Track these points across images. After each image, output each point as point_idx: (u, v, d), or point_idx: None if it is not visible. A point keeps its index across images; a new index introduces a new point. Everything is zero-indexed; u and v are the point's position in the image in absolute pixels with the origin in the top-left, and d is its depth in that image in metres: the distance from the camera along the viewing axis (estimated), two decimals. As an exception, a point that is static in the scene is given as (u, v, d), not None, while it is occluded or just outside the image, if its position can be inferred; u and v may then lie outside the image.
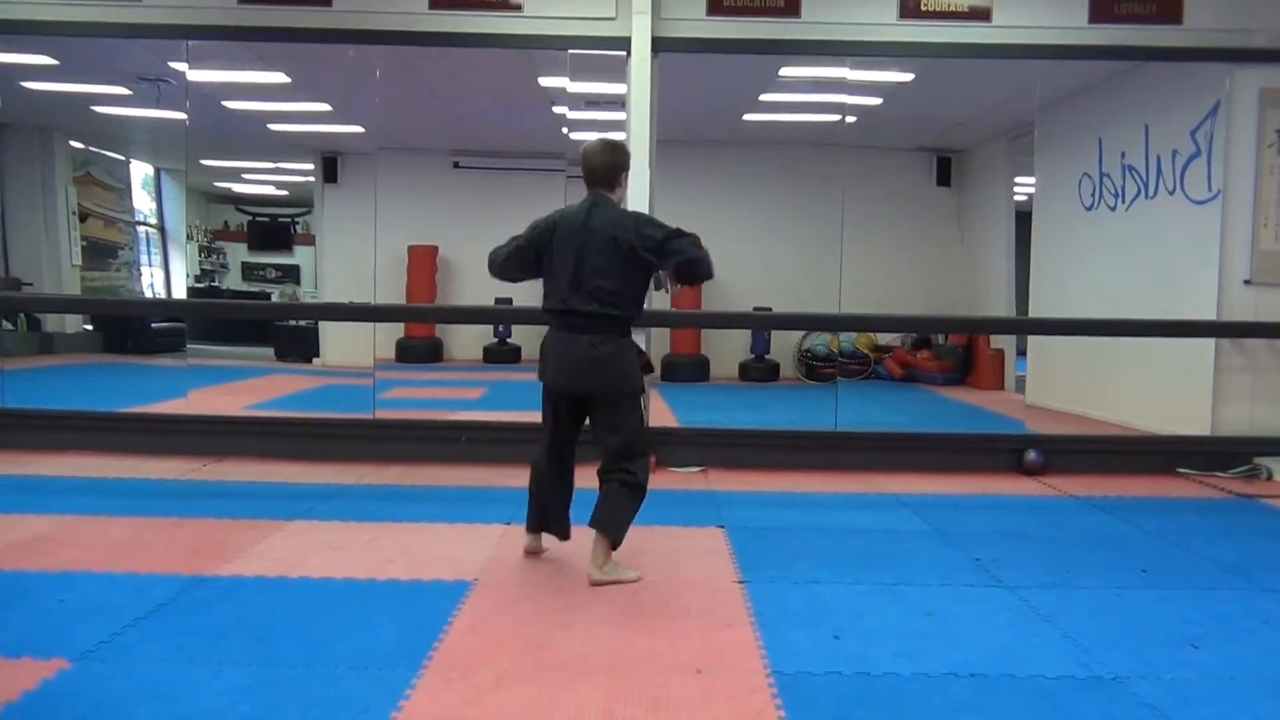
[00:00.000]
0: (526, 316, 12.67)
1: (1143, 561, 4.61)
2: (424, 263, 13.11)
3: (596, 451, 4.22)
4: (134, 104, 10.42)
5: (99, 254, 13.42)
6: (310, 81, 9.51)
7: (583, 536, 4.41)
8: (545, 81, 8.76)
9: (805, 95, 9.73)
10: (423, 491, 5.93)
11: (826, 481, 6.34)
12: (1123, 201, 8.41)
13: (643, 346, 4.35)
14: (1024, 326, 9.83)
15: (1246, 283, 6.94)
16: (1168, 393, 7.56)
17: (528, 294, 14.27)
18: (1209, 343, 7.00)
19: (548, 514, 4.40)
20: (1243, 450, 6.87)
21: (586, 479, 4.35)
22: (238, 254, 15.35)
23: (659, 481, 6.29)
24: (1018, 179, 11.15)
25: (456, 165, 13.33)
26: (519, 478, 6.27)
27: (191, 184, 13.76)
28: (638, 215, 4.30)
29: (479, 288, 13.07)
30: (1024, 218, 10.22)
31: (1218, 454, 6.90)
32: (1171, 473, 6.88)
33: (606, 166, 4.21)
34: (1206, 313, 6.97)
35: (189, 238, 14.66)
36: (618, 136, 7.07)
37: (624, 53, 6.85)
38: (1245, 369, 6.98)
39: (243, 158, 13.83)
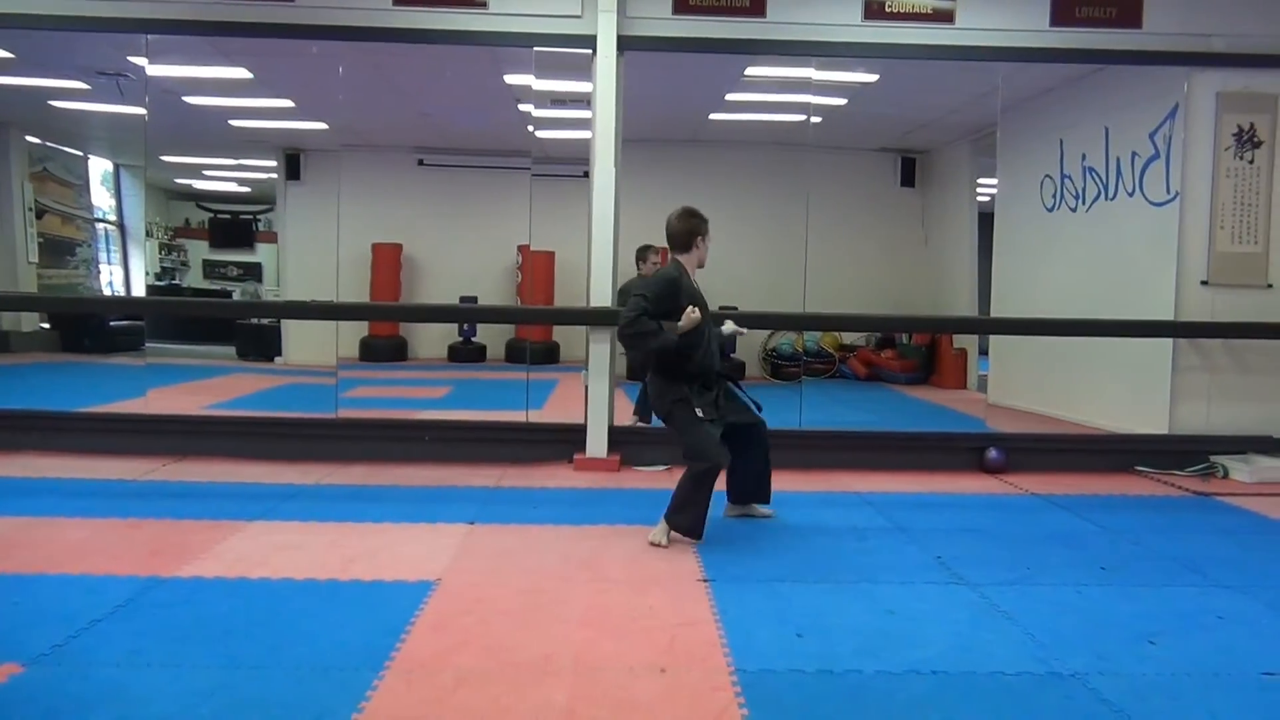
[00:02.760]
0: (491, 315, 12.79)
1: (1102, 559, 4.67)
2: (388, 261, 13.04)
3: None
4: (92, 99, 10.27)
5: (56, 251, 13.21)
6: (273, 77, 9.42)
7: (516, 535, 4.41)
8: (511, 79, 8.73)
9: (771, 95, 9.77)
10: (386, 491, 5.89)
11: (791, 480, 6.36)
12: (1083, 202, 8.51)
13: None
14: (986, 326, 9.92)
15: (1203, 283, 7.05)
16: (1127, 392, 7.66)
17: (492, 294, 14.20)
18: (1167, 343, 7.10)
19: None
20: (1200, 449, 6.98)
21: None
22: (199, 251, 15.20)
23: (623, 480, 6.31)
24: (981, 180, 11.25)
25: (421, 163, 13.27)
26: (483, 476, 6.29)
27: (151, 180, 13.60)
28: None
29: (443, 286, 13.09)
30: (987, 218, 10.31)
31: (1175, 452, 7.00)
32: (1130, 471, 6.98)
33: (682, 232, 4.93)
34: (1164, 313, 7.08)
35: (148, 235, 14.49)
36: (584, 135, 7.09)
37: (589, 51, 6.85)
38: (1202, 368, 7.09)
39: (204, 154, 13.67)
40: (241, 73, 9.07)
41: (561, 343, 12.90)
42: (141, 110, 8.00)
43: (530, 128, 9.40)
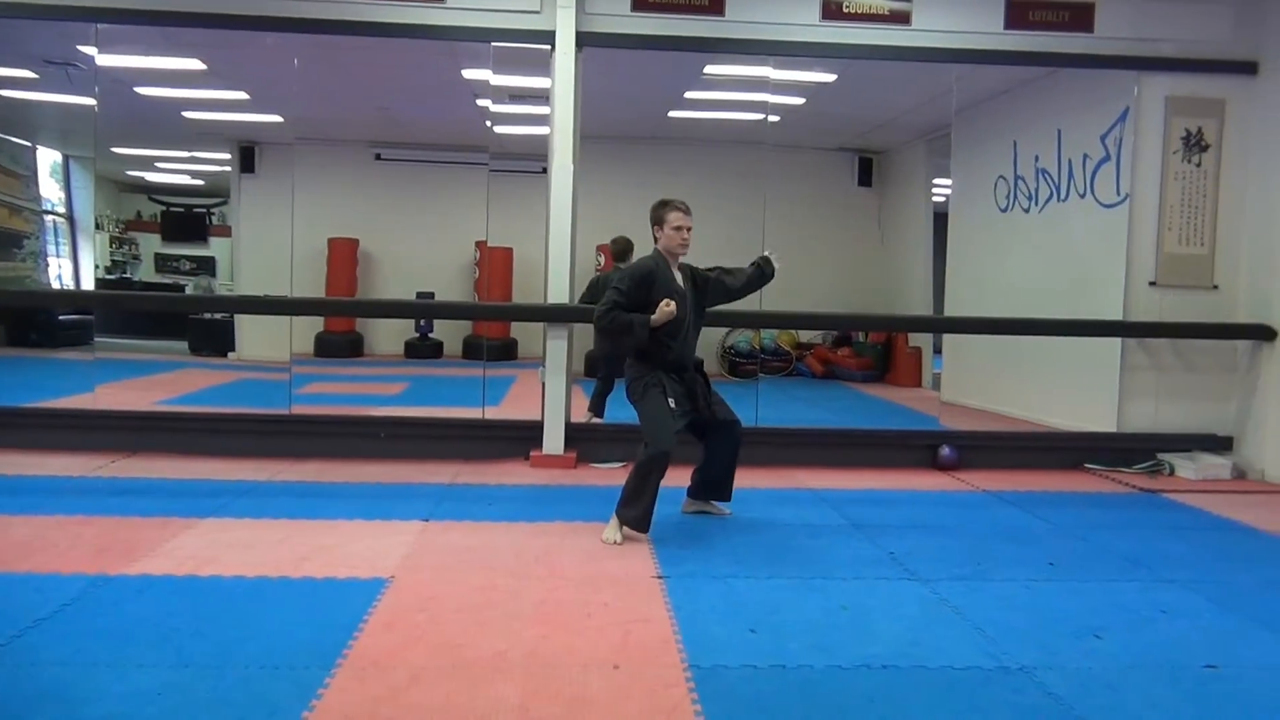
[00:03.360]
0: (447, 311, 12.71)
1: (1050, 554, 4.74)
2: (344, 256, 12.93)
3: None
4: (40, 88, 10.06)
5: (2, 243, 12.94)
6: (226, 69, 9.29)
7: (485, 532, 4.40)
8: (469, 74, 8.69)
9: (729, 94, 9.80)
10: (339, 488, 5.84)
11: (746, 477, 6.36)
12: (1036, 204, 8.63)
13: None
14: (940, 325, 10.02)
15: (1152, 284, 7.17)
16: (1077, 390, 7.77)
17: (449, 289, 14.06)
18: (1116, 342, 7.22)
19: None
20: (1147, 447, 7.12)
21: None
22: (151, 245, 14.95)
23: (579, 477, 6.30)
24: (936, 180, 11.36)
25: (378, 157, 13.16)
26: (438, 473, 6.26)
27: (101, 172, 13.35)
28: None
29: (400, 281, 12.98)
30: (942, 218, 10.41)
31: (1123, 450, 7.13)
32: (1079, 468, 7.10)
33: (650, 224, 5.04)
34: (1114, 313, 7.20)
35: (98, 227, 14.23)
36: (542, 131, 7.08)
37: (548, 47, 6.83)
38: (1150, 368, 7.22)
39: (156, 146, 13.45)
40: (194, 64, 8.95)
41: (519, 339, 12.86)
42: (91, 100, 7.85)
43: (488, 123, 9.35)
